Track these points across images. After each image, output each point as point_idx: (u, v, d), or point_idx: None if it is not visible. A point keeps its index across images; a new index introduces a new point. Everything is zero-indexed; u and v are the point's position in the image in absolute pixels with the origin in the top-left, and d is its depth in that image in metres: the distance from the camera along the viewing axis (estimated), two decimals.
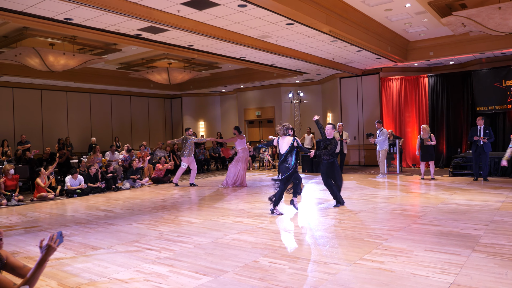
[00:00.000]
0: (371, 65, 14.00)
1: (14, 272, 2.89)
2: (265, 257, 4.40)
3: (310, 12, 7.78)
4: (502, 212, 6.35)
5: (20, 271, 2.88)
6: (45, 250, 2.71)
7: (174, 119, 20.99)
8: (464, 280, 3.54)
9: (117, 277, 3.95)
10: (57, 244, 2.73)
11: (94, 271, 4.16)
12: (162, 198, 9.16)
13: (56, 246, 2.73)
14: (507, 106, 12.64)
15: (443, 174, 11.76)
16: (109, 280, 3.88)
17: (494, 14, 7.97)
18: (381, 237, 5.08)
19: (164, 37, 9.49)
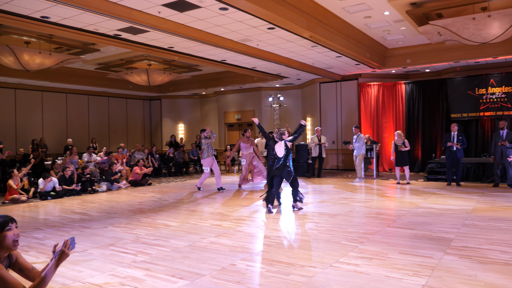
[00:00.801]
0: (350, 71, 14.21)
1: (22, 273, 2.88)
2: (243, 260, 4.41)
3: (291, 17, 7.86)
4: (473, 216, 6.53)
5: (28, 273, 2.87)
6: (58, 255, 2.70)
7: (153, 121, 20.80)
8: (436, 282, 3.63)
9: (91, 281, 3.89)
10: (70, 250, 2.73)
11: (67, 275, 4.07)
12: (139, 201, 9.06)
13: (69, 252, 2.74)
14: (480, 113, 13.02)
15: (418, 179, 12.02)
16: (83, 285, 3.81)
17: (469, 24, 8.23)
18: (357, 240, 5.15)
19: (144, 38, 9.42)
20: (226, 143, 18.64)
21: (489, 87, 12.80)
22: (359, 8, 8.63)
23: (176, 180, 13.30)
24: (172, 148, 15.56)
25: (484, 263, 4.14)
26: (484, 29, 8.23)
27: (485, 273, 3.86)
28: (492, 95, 12.77)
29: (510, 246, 4.77)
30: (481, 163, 11.31)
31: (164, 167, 14.83)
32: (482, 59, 11.98)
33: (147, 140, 20.53)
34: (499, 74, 12.70)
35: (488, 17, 7.92)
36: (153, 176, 14.07)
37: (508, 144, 9.79)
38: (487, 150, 12.64)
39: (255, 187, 10.93)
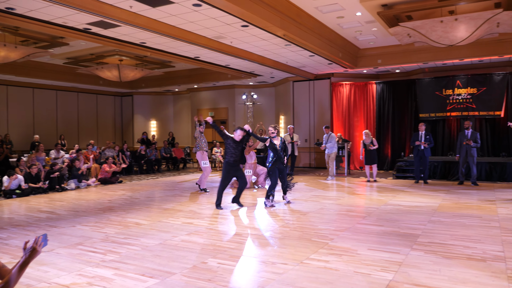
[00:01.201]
0: (323, 70, 14.38)
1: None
2: (214, 258, 4.40)
3: (265, 16, 7.87)
4: (439, 213, 6.75)
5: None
6: (28, 253, 2.61)
7: (124, 117, 20.41)
8: (402, 277, 3.73)
9: (57, 282, 3.79)
10: (42, 247, 2.63)
11: (32, 276, 3.95)
12: (109, 199, 8.88)
13: (41, 249, 2.64)
14: (447, 113, 13.45)
15: (387, 177, 12.31)
16: (49, 285, 3.71)
17: (437, 27, 8.47)
18: (328, 237, 5.23)
19: (115, 32, 9.22)
20: None
21: (456, 88, 13.23)
22: (332, 8, 8.73)
23: (147, 178, 13.12)
24: (144, 146, 15.32)
25: (448, 258, 4.29)
26: (451, 32, 8.49)
27: (449, 267, 4.00)
28: (458, 96, 13.21)
29: (473, 241, 4.96)
30: (447, 162, 11.69)
31: (135, 165, 14.58)
32: (449, 61, 12.37)
33: (118, 137, 20.14)
34: (465, 75, 13.15)
35: (455, 20, 8.18)
36: (124, 174, 13.81)
37: (472, 143, 10.15)
38: (453, 149, 13.07)
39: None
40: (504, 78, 12.64)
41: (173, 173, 14.53)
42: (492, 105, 12.79)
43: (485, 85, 12.84)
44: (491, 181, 10.89)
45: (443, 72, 13.66)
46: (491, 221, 6.10)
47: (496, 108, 12.74)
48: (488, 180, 10.97)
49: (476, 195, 8.63)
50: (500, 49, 11.15)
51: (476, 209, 7.07)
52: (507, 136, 12.91)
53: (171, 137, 17.73)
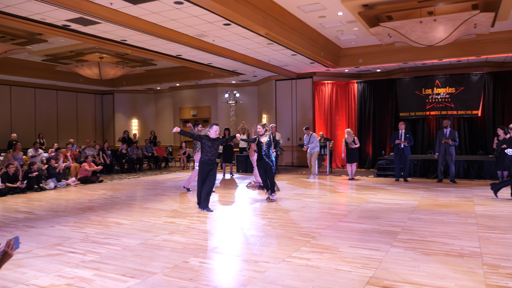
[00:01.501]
0: (305, 69, 14.45)
1: None
2: (196, 257, 4.38)
3: (247, 14, 7.86)
4: (418, 210, 6.87)
5: None
6: (0, 256, 2.52)
7: (105, 116, 20.12)
8: (382, 273, 3.79)
9: (35, 283, 3.71)
10: (13, 250, 2.56)
11: (9, 277, 3.87)
12: (89, 198, 8.75)
13: (13, 252, 2.57)
14: (426, 112, 13.70)
15: (368, 175, 12.46)
16: (26, 287, 3.64)
17: (416, 28, 8.61)
18: (310, 235, 5.27)
19: (95, 30, 9.07)
20: (181, 139, 18.39)
21: (435, 88, 13.49)
22: (313, 7, 8.78)
23: (129, 177, 12.97)
24: (125, 144, 15.13)
25: (427, 254, 4.37)
26: (430, 32, 8.64)
27: (427, 263, 4.08)
28: (437, 95, 13.46)
29: (451, 237, 5.06)
30: (426, 160, 11.90)
31: (116, 164, 14.40)
32: (429, 61, 12.59)
33: (99, 136, 19.85)
34: (443, 75, 13.41)
35: (434, 21, 8.32)
36: (105, 173, 13.62)
37: (451, 142, 10.37)
38: (432, 147, 13.32)
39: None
40: (481, 78, 12.94)
41: (155, 172, 14.40)
42: (470, 105, 13.08)
43: (463, 84, 13.12)
44: (469, 179, 11.14)
45: (422, 72, 13.90)
46: (468, 218, 6.24)
47: (474, 108, 13.04)
48: (466, 178, 11.22)
49: (454, 193, 8.82)
50: (477, 50, 11.41)
51: (454, 206, 7.23)
52: (484, 135, 13.24)
53: (152, 135, 17.56)
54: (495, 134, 10.16)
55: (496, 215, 6.40)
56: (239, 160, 14.18)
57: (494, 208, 6.97)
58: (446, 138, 10.41)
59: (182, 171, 14.67)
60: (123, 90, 19.43)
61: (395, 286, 3.51)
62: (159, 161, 16.02)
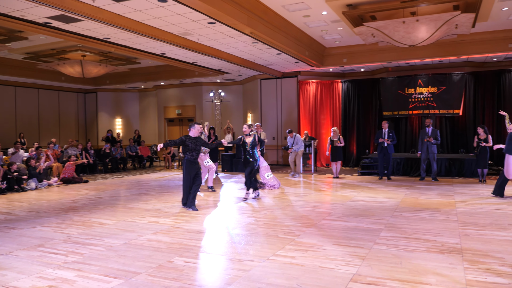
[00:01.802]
0: (290, 68, 14.50)
1: None
2: (180, 257, 4.36)
3: (232, 13, 7.85)
4: (401, 208, 6.97)
5: None
6: None
7: (88, 115, 19.85)
8: (366, 270, 3.84)
9: (16, 285, 3.65)
10: None
11: None
12: (72, 198, 8.62)
13: None
14: (409, 111, 13.90)
15: (352, 174, 12.58)
16: None
17: (399, 27, 8.72)
18: (294, 233, 5.30)
19: (77, 27, 8.94)
20: (166, 138, 18.27)
21: (417, 87, 13.69)
22: (298, 7, 8.82)
23: (113, 176, 12.82)
24: (108, 144, 14.96)
25: (409, 251, 4.44)
26: (413, 32, 8.76)
27: (409, 260, 4.14)
28: (420, 94, 13.67)
29: (432, 234, 5.15)
30: (409, 158, 12.07)
31: (100, 164, 14.22)
32: (411, 61, 12.76)
33: (82, 135, 19.57)
34: (426, 75, 13.62)
35: (416, 21, 8.44)
36: (88, 173, 13.45)
37: (433, 140, 10.53)
38: (415, 146, 13.51)
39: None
40: (462, 78, 13.18)
41: (139, 172, 14.28)
42: (452, 104, 13.31)
43: (445, 84, 13.35)
44: (450, 177, 11.34)
45: (405, 72, 14.08)
46: (449, 215, 6.36)
47: (455, 107, 13.27)
48: (448, 176, 11.42)
49: (436, 190, 8.96)
50: (458, 50, 11.62)
51: (436, 204, 7.35)
52: (465, 134, 13.50)
53: (137, 135, 17.39)
54: (476, 133, 10.36)
55: (476, 212, 6.53)
56: (224, 159, 14.16)
57: (474, 206, 7.11)
58: (428, 137, 10.57)
59: (167, 171, 14.58)
60: (106, 89, 19.19)
61: (378, 282, 3.55)
62: (143, 160, 15.88)
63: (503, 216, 6.25)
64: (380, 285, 3.49)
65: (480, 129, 9.91)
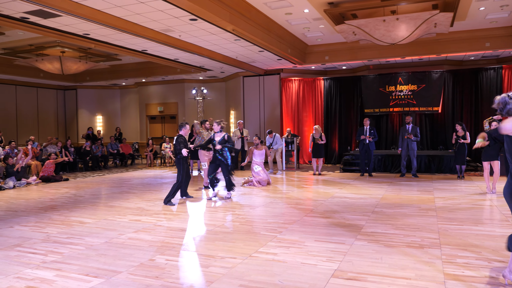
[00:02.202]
0: (273, 66, 14.52)
1: None
2: (162, 255, 4.33)
3: (214, 10, 7.81)
4: (382, 203, 7.07)
5: None
6: None
7: (68, 112, 19.49)
8: (347, 266, 3.88)
9: None
10: None
11: None
12: (51, 197, 8.47)
13: None
14: (390, 109, 14.09)
15: (335, 170, 12.70)
16: None
17: (380, 26, 8.83)
18: (276, 230, 5.32)
19: (56, 23, 8.76)
20: (148, 136, 18.09)
21: (398, 85, 13.88)
22: (280, 4, 8.83)
23: (93, 175, 12.64)
24: (89, 141, 14.73)
25: (389, 247, 4.51)
26: (393, 31, 8.88)
27: (390, 255, 4.21)
28: (400, 92, 13.86)
29: (412, 230, 5.24)
30: (390, 155, 12.25)
31: (80, 162, 14.00)
32: (392, 59, 12.93)
33: (61, 133, 19.21)
34: (406, 73, 13.82)
35: (396, 20, 8.56)
36: (68, 171, 13.22)
37: (413, 137, 10.71)
38: (395, 143, 13.71)
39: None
40: (441, 76, 13.42)
41: (120, 170, 14.11)
42: (431, 101, 13.55)
43: (425, 82, 13.57)
44: (430, 173, 11.56)
45: (386, 69, 14.26)
46: (429, 210, 6.48)
47: (435, 104, 13.51)
48: (427, 172, 11.63)
49: (416, 186, 9.13)
50: (437, 48, 11.83)
51: (416, 199, 7.48)
52: (444, 131, 13.77)
53: (118, 132, 17.16)
54: (454, 130, 10.58)
55: (455, 208, 6.67)
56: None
57: (452, 201, 7.26)
58: (409, 134, 10.74)
59: (148, 168, 14.44)
60: (86, 86, 18.87)
61: (359, 278, 3.60)
62: (125, 158, 15.70)
63: (480, 211, 6.41)
64: (361, 280, 3.54)
65: (458, 126, 10.12)
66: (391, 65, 14.15)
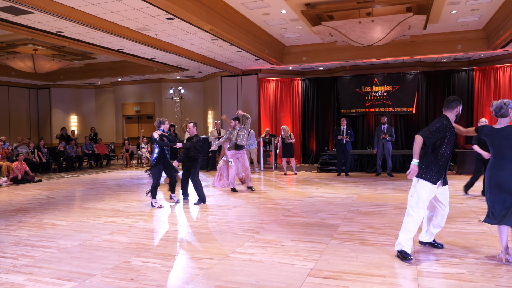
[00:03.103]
0: (251, 66, 14.53)
1: None
2: (138, 257, 4.27)
3: (191, 9, 7.75)
4: (357, 202, 7.17)
5: None
6: None
7: (40, 112, 18.98)
8: (323, 265, 3.92)
9: None
10: None
11: None
12: (22, 199, 8.23)
13: None
14: (366, 109, 14.31)
15: (312, 170, 12.80)
16: None
17: (355, 27, 8.94)
18: (254, 230, 5.32)
19: (28, 20, 8.52)
20: (124, 136, 17.81)
21: (374, 86, 14.12)
22: (257, 4, 8.84)
23: (67, 176, 12.36)
24: (63, 142, 14.39)
25: (364, 245, 4.58)
26: (368, 33, 9.01)
27: (365, 254, 4.27)
28: (376, 93, 14.10)
29: (387, 228, 5.34)
30: (366, 155, 12.44)
31: (53, 162, 13.66)
32: (368, 60, 13.14)
33: (34, 133, 18.70)
34: (381, 74, 14.07)
35: (372, 21, 8.69)
36: (41, 172, 12.89)
37: (388, 137, 10.91)
38: (371, 143, 13.94)
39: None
40: (415, 77, 13.72)
41: (95, 170, 13.84)
42: (405, 102, 13.83)
43: (399, 83, 13.85)
44: (405, 172, 11.76)
45: (362, 71, 14.48)
46: (403, 209, 6.60)
47: (409, 105, 13.80)
48: (402, 171, 11.85)
49: (391, 185, 9.30)
50: (411, 50, 12.09)
51: (391, 198, 7.62)
52: (418, 131, 14.02)
53: (93, 132, 16.85)
54: None
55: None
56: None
57: None
58: (384, 134, 10.93)
59: (125, 169, 14.22)
60: (60, 85, 18.42)
61: (335, 276, 3.64)
62: (100, 159, 15.41)
63: (452, 209, 6.57)
64: (337, 279, 3.58)
65: None
66: (367, 66, 14.38)
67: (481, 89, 13.25)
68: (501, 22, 9.72)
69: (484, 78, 13.19)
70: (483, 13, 9.68)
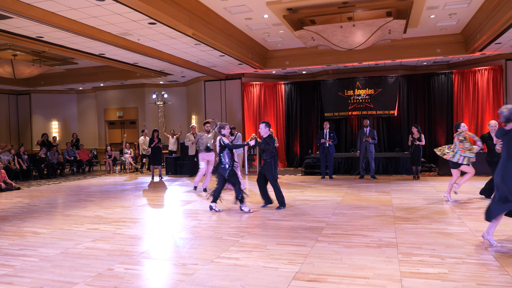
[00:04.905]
0: (234, 70, 14.55)
1: None
2: (121, 264, 4.22)
3: (173, 14, 7.74)
4: (342, 205, 7.24)
5: None
6: None
7: (20, 118, 18.62)
8: (307, 268, 3.94)
9: None
10: None
11: None
12: (2, 207, 8.04)
13: None
14: (348, 113, 14.47)
15: (296, 174, 12.86)
16: None
17: (337, 32, 9.06)
18: (239, 234, 5.32)
19: (6, 25, 8.38)
20: (107, 141, 17.60)
21: (356, 89, 14.30)
22: (240, 9, 8.88)
23: (49, 183, 12.14)
24: (44, 148, 14.14)
25: (349, 247, 4.62)
26: (349, 37, 9.14)
27: (349, 256, 4.31)
28: (358, 96, 14.27)
29: (370, 230, 5.40)
30: (349, 158, 12.57)
31: (34, 169, 13.41)
32: (350, 64, 13.30)
33: (14, 139, 18.33)
34: (363, 77, 14.26)
35: (353, 26, 8.81)
36: (21, 180, 12.63)
37: (371, 140, 11.04)
38: (354, 146, 14.09)
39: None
40: (396, 81, 13.94)
41: (78, 177, 13.63)
42: (387, 105, 14.04)
43: (381, 86, 14.05)
44: (387, 174, 11.95)
45: (344, 74, 14.65)
46: (386, 210, 6.69)
47: (391, 108, 14.01)
48: (385, 174, 12.02)
49: (375, 188, 9.40)
50: (392, 54, 12.29)
51: (374, 200, 7.71)
52: (400, 133, 14.29)
53: (75, 138, 16.62)
54: (410, 132, 11.01)
55: (411, 207, 6.93)
56: (168, 162, 13.90)
57: (408, 201, 7.54)
58: (366, 137, 11.06)
59: (108, 175, 14.05)
60: (41, 90, 18.13)
61: (319, 279, 3.66)
62: (82, 165, 15.18)
63: (434, 210, 6.69)
64: (321, 282, 3.60)
65: (414, 129, 10.53)
66: (349, 70, 14.55)
67: (460, 91, 13.55)
68: (478, 26, 9.97)
69: (463, 81, 13.49)
70: (461, 17, 9.91)
